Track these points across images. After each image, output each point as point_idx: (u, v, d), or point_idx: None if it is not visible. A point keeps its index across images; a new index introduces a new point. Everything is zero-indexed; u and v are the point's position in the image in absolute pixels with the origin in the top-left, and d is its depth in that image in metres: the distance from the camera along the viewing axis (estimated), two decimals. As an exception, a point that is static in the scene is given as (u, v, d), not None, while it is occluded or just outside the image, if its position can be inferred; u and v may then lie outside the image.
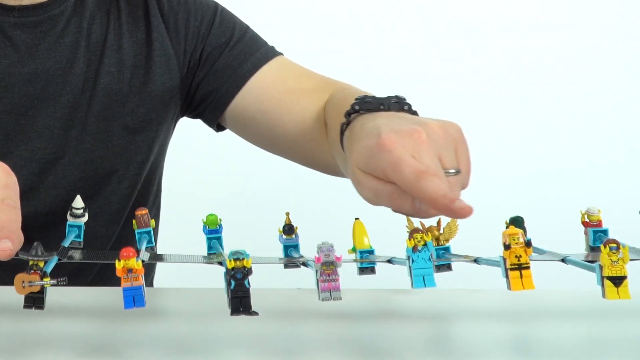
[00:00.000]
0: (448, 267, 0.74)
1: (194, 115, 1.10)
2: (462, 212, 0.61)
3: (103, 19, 1.03)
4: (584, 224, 0.78)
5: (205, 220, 0.78)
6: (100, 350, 0.68)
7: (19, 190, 0.66)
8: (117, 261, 0.64)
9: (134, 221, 0.77)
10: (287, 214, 0.78)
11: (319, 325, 0.75)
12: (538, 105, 2.07)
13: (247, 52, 1.05)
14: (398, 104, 0.76)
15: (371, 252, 0.77)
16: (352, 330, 0.76)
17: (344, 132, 0.76)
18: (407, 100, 0.77)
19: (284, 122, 1.02)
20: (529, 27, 2.07)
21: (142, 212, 0.77)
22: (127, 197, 1.06)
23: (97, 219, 1.04)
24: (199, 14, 1.06)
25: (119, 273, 0.64)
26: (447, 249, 0.75)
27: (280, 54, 1.07)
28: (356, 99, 0.76)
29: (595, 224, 0.77)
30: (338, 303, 0.79)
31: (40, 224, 0.99)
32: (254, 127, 1.05)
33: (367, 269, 0.77)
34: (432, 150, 0.66)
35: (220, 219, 0.78)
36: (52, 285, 0.65)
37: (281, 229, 0.77)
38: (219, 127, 1.10)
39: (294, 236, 0.77)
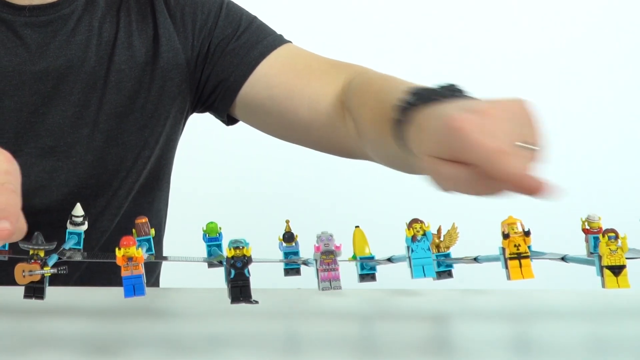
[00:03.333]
0: (449, 274, 0.73)
1: (204, 108, 1.10)
2: (544, 191, 0.59)
3: (113, 18, 1.04)
4: (585, 231, 0.78)
5: (205, 228, 0.78)
6: (100, 350, 0.68)
7: (20, 177, 0.66)
8: (117, 249, 0.64)
9: (133, 230, 0.77)
10: (287, 221, 0.78)
11: (319, 325, 0.75)
12: (538, 107, 2.07)
13: (254, 40, 1.05)
14: (460, 92, 0.72)
15: (371, 259, 0.77)
16: (352, 330, 0.76)
17: (402, 127, 0.73)
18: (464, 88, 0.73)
19: (295, 107, 1.01)
20: (529, 27, 2.07)
21: (141, 220, 0.77)
22: (131, 190, 1.06)
23: (104, 214, 1.05)
24: (206, 7, 1.06)
25: (119, 262, 0.64)
26: (447, 256, 0.75)
27: (289, 41, 1.06)
28: (408, 93, 0.73)
29: (595, 230, 0.77)
30: (338, 303, 0.79)
31: (52, 220, 0.99)
32: (265, 114, 1.04)
33: (367, 276, 0.77)
34: (503, 125, 0.62)
35: (220, 227, 0.78)
36: (52, 274, 0.65)
37: (281, 237, 0.77)
38: (230, 120, 1.09)
39: (294, 244, 0.77)
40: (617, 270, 0.65)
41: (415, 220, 0.70)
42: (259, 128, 1.08)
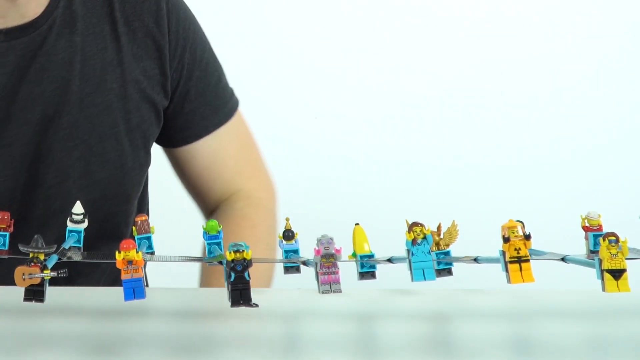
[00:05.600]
0: (449, 272, 0.73)
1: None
2: None
3: (98, 32, 0.99)
4: (585, 228, 0.78)
5: (205, 226, 0.77)
6: (100, 350, 0.68)
7: None
8: (117, 253, 0.64)
9: (133, 228, 0.77)
10: (287, 219, 0.77)
11: (319, 325, 0.75)
12: (539, 108, 2.07)
13: (217, 105, 1.08)
14: None
15: (371, 257, 0.77)
16: (352, 330, 0.76)
17: None
18: None
19: (207, 186, 1.12)
20: (530, 29, 2.07)
21: (141, 218, 0.77)
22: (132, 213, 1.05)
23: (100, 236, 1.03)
24: (193, 47, 1.05)
25: (119, 265, 0.64)
26: (447, 254, 0.75)
27: (237, 108, 1.11)
28: None
29: (595, 228, 0.77)
30: (338, 303, 0.79)
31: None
32: (182, 174, 1.13)
33: (367, 273, 0.77)
34: None
35: (220, 225, 0.78)
36: (52, 277, 0.65)
37: (281, 235, 0.77)
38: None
39: (294, 242, 0.77)
40: (617, 274, 0.65)
41: (415, 224, 0.70)
42: (170, 159, 1.13)
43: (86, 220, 0.76)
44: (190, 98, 1.06)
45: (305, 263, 0.73)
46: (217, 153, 1.09)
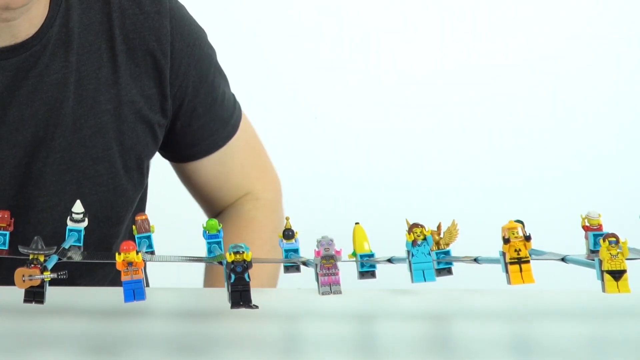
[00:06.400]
0: (448, 271, 0.73)
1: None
2: None
3: (94, 50, 0.96)
4: (585, 228, 0.78)
5: (205, 225, 0.77)
6: (100, 350, 0.68)
7: None
8: (117, 254, 0.64)
9: (134, 226, 0.77)
10: (287, 218, 0.78)
11: (319, 325, 0.75)
12: (539, 108, 2.07)
13: (224, 119, 1.07)
14: None
15: (371, 256, 0.77)
16: (352, 330, 0.76)
17: None
18: None
19: (216, 194, 1.11)
20: (530, 28, 2.07)
21: (142, 217, 0.77)
22: (122, 234, 1.04)
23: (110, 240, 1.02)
24: (199, 64, 1.02)
25: (119, 266, 0.64)
26: (447, 253, 0.75)
27: (241, 117, 1.10)
28: None
29: (595, 227, 0.77)
30: (338, 303, 0.79)
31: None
32: (188, 184, 1.12)
33: (367, 273, 0.77)
34: None
35: (220, 224, 0.78)
36: (52, 278, 0.65)
37: (281, 234, 0.77)
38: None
39: (294, 241, 0.77)
40: (617, 275, 0.65)
41: (415, 225, 0.70)
42: (175, 170, 1.12)
43: (86, 219, 0.76)
44: (197, 115, 1.03)
45: (305, 263, 0.73)
46: (225, 164, 1.08)
